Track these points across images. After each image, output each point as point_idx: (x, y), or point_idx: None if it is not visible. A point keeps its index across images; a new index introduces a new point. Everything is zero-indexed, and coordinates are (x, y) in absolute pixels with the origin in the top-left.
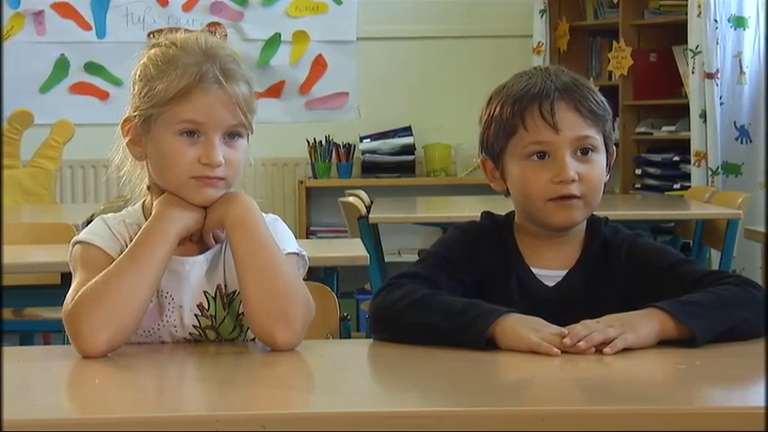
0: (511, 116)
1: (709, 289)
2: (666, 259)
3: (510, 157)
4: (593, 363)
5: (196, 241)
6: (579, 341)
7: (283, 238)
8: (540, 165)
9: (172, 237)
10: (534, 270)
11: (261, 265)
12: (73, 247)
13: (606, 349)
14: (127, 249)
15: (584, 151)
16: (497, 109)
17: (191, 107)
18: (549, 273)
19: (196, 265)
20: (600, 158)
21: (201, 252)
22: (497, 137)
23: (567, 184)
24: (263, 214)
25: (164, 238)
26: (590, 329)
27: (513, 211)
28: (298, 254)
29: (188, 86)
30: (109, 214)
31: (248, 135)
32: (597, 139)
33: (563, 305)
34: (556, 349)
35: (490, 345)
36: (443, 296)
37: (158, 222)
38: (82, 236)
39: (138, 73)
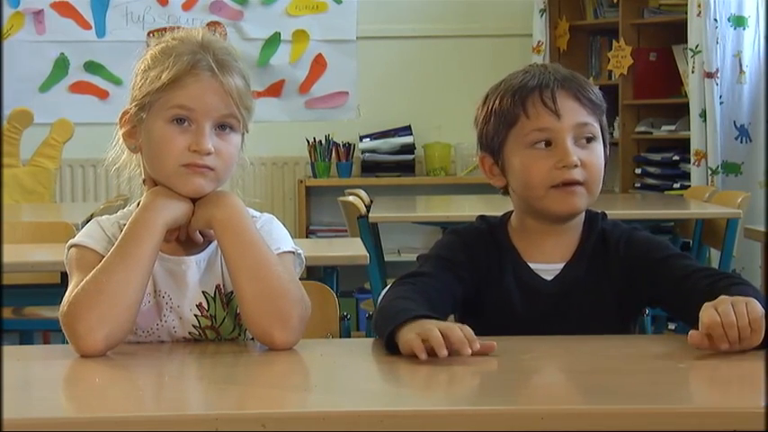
0: (512, 106)
1: (743, 284)
2: (661, 252)
3: (511, 149)
4: (593, 362)
5: (183, 240)
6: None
7: (279, 237)
8: (543, 153)
9: (159, 227)
10: (532, 265)
11: (252, 265)
12: (68, 250)
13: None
14: (115, 245)
15: (585, 139)
16: (496, 102)
17: (182, 93)
18: (548, 267)
19: (192, 266)
20: (599, 148)
21: (198, 252)
22: (497, 129)
23: (570, 168)
24: (259, 214)
25: (150, 230)
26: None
27: (508, 213)
28: (293, 252)
29: (180, 73)
30: (104, 216)
31: (243, 134)
32: (596, 128)
33: (562, 298)
34: (424, 354)
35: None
36: (407, 302)
37: (144, 212)
38: (76, 239)
39: (138, 67)
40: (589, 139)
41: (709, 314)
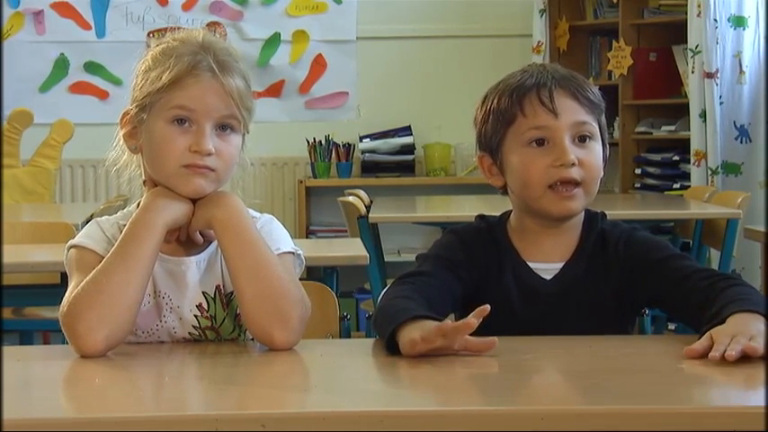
0: (509, 105)
1: (742, 284)
2: (660, 253)
3: (509, 148)
4: (593, 362)
5: (184, 240)
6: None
7: (279, 237)
8: (540, 151)
9: (159, 227)
10: (531, 264)
11: (253, 266)
12: (68, 251)
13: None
14: (115, 245)
15: (582, 138)
16: (494, 102)
17: (183, 94)
18: (547, 266)
19: (192, 266)
20: (597, 147)
21: (197, 253)
22: (495, 129)
23: (568, 167)
24: (258, 214)
25: (150, 231)
26: (725, 346)
27: (507, 212)
28: (293, 253)
29: (181, 74)
30: (103, 217)
31: (243, 135)
32: (594, 127)
33: (561, 297)
34: (420, 346)
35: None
36: (406, 301)
37: (145, 213)
38: (76, 240)
39: (139, 67)
40: (587, 138)
41: (720, 328)
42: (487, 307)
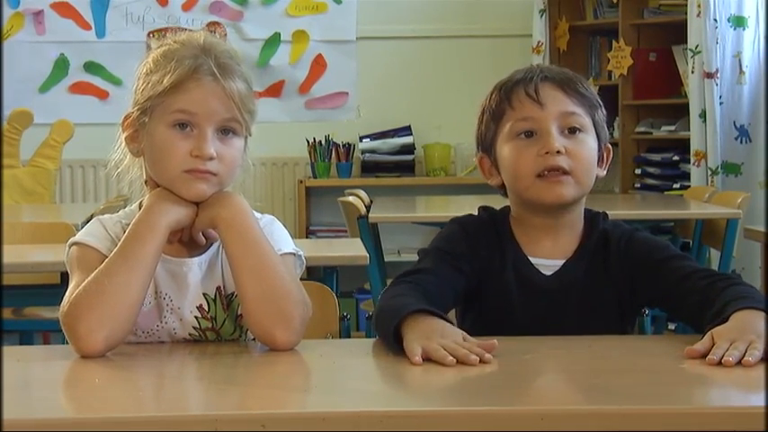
0: (499, 101)
1: (742, 284)
2: (661, 253)
3: (500, 142)
4: (593, 362)
5: (186, 241)
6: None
7: (280, 238)
8: (528, 142)
9: (162, 229)
10: (532, 260)
11: (256, 266)
12: (69, 248)
13: (749, 360)
14: (118, 245)
15: (572, 130)
16: (487, 101)
17: (184, 98)
18: (548, 262)
19: (194, 267)
20: (589, 140)
21: (199, 254)
22: (488, 126)
23: (554, 155)
24: (260, 215)
25: (153, 232)
26: (724, 350)
27: (509, 206)
28: (294, 254)
29: (182, 77)
30: (105, 215)
31: (246, 137)
32: (585, 120)
33: (561, 294)
34: (418, 358)
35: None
36: (406, 299)
37: (148, 215)
38: (78, 237)
39: (140, 70)
40: (577, 131)
41: (721, 329)
42: (495, 343)
